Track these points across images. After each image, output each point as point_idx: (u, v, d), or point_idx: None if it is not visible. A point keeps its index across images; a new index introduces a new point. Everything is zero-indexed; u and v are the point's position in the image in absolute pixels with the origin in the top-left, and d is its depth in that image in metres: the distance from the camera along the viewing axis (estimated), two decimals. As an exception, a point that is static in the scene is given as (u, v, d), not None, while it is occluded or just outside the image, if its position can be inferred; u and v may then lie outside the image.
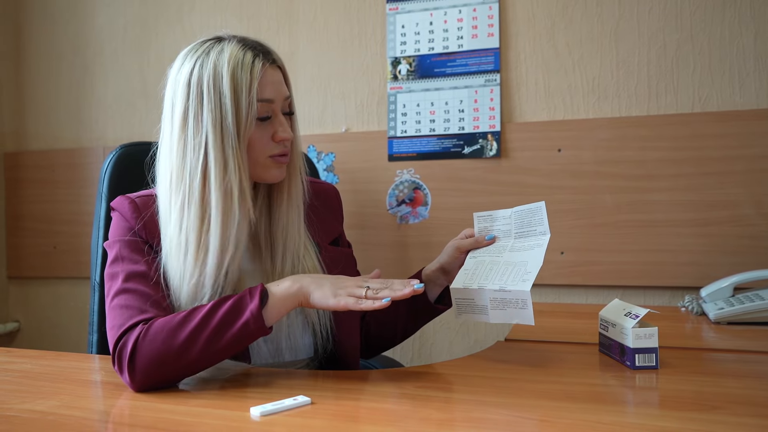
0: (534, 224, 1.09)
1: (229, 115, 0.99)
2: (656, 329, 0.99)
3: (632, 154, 1.72)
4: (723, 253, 1.65)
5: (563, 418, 0.77)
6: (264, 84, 1.02)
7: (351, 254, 1.28)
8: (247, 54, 1.02)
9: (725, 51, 1.67)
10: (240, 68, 1.01)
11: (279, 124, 1.05)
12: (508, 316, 1.00)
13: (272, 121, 1.05)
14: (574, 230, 1.76)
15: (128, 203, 1.06)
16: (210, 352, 0.91)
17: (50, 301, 2.33)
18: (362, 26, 1.95)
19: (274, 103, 1.04)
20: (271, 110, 1.04)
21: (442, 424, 0.76)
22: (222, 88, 1.00)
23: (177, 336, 0.90)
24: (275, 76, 1.05)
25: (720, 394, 0.86)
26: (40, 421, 0.78)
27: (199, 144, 0.99)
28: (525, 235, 1.09)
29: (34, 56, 2.34)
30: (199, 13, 2.13)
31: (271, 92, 1.04)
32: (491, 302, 1.01)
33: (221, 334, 0.91)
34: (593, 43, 1.76)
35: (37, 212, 2.31)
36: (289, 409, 0.81)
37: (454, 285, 1.07)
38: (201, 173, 0.99)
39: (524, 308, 0.98)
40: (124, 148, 1.45)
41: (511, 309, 0.99)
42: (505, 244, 1.10)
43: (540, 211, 1.09)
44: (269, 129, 1.04)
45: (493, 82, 1.82)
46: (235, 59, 1.01)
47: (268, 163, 1.05)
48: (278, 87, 1.05)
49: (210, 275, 0.98)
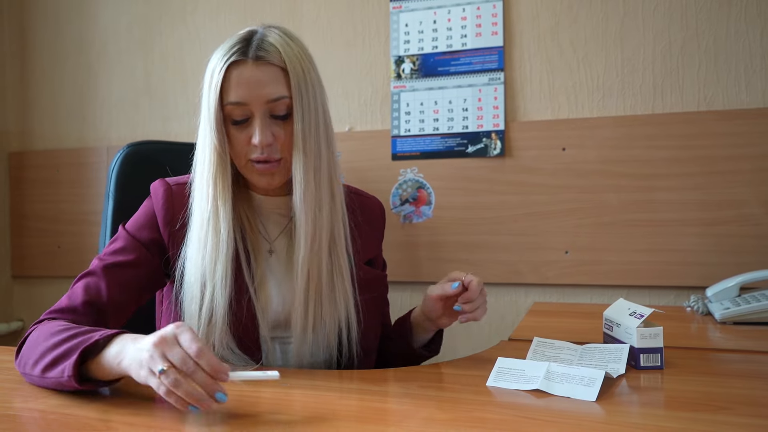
0: (606, 360, 0.97)
1: (205, 114, 0.99)
2: (661, 329, 0.98)
3: (637, 153, 1.71)
4: (729, 253, 1.64)
5: (568, 418, 0.76)
6: (233, 85, 0.96)
7: (384, 279, 1.19)
8: (232, 49, 0.97)
9: (731, 49, 1.66)
10: (217, 65, 0.97)
11: (255, 128, 0.97)
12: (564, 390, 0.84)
13: (249, 123, 0.98)
14: (578, 229, 1.75)
15: (163, 192, 1.05)
16: (44, 380, 0.86)
17: (54, 300, 2.31)
18: (366, 25, 1.95)
19: (250, 105, 0.97)
20: (249, 112, 0.98)
21: (446, 424, 0.75)
22: (204, 85, 0.99)
23: (36, 348, 0.89)
24: (255, 75, 0.96)
25: (726, 395, 0.85)
26: (42, 419, 0.78)
27: (198, 138, 1.01)
28: (590, 362, 0.97)
29: (38, 56, 2.35)
30: (202, 13, 2.13)
31: (241, 94, 0.96)
32: (547, 374, 0.87)
33: (50, 368, 0.85)
34: (598, 41, 1.75)
35: (42, 212, 2.32)
36: (257, 379, 0.82)
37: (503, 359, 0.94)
38: (199, 166, 1.01)
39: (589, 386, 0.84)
40: (131, 147, 1.45)
41: (571, 385, 0.85)
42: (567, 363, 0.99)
43: (620, 352, 0.97)
44: (247, 132, 0.98)
45: (497, 81, 1.81)
46: (219, 55, 0.98)
47: (248, 168, 1.01)
48: (255, 88, 0.96)
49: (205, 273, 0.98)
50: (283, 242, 1.07)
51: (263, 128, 0.97)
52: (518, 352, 1.11)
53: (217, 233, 0.98)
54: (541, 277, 1.78)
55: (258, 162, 0.99)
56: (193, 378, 0.73)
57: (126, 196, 1.40)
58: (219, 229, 0.98)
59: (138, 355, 0.77)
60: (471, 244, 1.84)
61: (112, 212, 1.38)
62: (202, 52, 2.14)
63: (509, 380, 0.89)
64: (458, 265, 1.84)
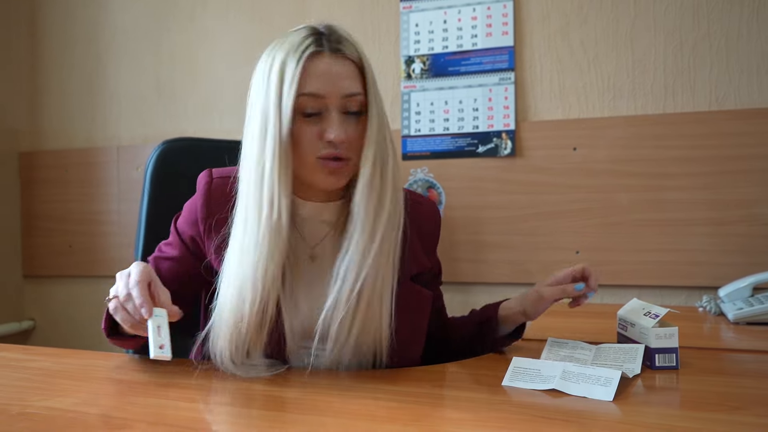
0: (621, 360, 0.96)
1: (271, 105, 0.91)
2: (677, 329, 0.98)
3: (648, 152, 1.71)
4: (740, 253, 1.64)
5: (583, 418, 0.76)
6: (311, 76, 0.91)
7: (429, 299, 1.07)
8: (306, 41, 0.92)
9: (743, 49, 1.65)
10: (290, 57, 0.92)
11: (328, 123, 0.92)
12: (581, 390, 0.84)
13: (322, 118, 0.93)
14: (589, 229, 1.75)
15: (204, 185, 1.03)
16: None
17: (65, 299, 2.34)
18: (376, 25, 1.95)
19: (326, 98, 0.92)
20: (323, 106, 0.92)
21: (463, 424, 0.75)
22: (271, 76, 0.92)
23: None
24: (333, 67, 0.92)
25: (742, 395, 0.85)
26: (61, 418, 0.78)
27: (251, 132, 0.95)
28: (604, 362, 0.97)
29: (48, 57, 2.36)
30: (212, 13, 2.14)
31: (318, 86, 0.91)
32: (564, 374, 0.87)
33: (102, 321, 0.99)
34: (608, 41, 1.75)
35: (52, 212, 2.33)
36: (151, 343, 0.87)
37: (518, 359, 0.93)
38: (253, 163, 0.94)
39: (606, 385, 0.83)
40: (166, 144, 1.46)
41: (587, 384, 0.84)
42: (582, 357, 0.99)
43: (635, 352, 0.97)
44: (318, 127, 0.93)
45: (507, 81, 1.81)
46: (290, 46, 0.93)
47: (315, 166, 0.94)
48: (335, 81, 0.92)
49: (249, 275, 0.93)
50: (322, 249, 1.02)
51: (340, 123, 0.92)
52: (531, 352, 1.11)
53: (279, 234, 0.92)
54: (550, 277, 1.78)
55: (329, 159, 0.93)
56: (126, 306, 0.88)
57: (161, 193, 1.41)
58: (281, 231, 0.92)
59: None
60: (481, 244, 1.84)
61: (146, 211, 1.39)
62: (212, 51, 2.14)
63: (525, 380, 0.88)
64: (468, 264, 1.84)
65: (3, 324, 2.30)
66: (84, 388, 0.92)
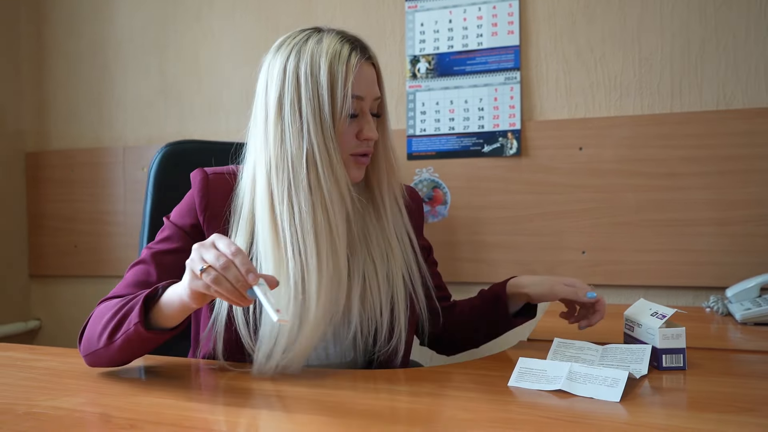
0: (628, 361, 0.96)
1: (326, 105, 0.98)
2: (684, 329, 0.97)
3: (655, 152, 1.70)
4: (747, 253, 1.63)
5: (590, 419, 0.75)
6: (358, 80, 1.00)
7: (434, 275, 1.21)
8: (345, 46, 1.00)
9: (751, 47, 1.64)
10: (338, 60, 0.99)
11: (366, 123, 1.02)
12: (587, 390, 0.84)
13: (359, 119, 1.02)
14: (595, 229, 1.74)
15: (200, 179, 1.06)
16: (113, 345, 0.91)
17: (71, 299, 2.35)
18: (381, 25, 1.95)
19: (364, 100, 1.02)
20: (360, 108, 1.02)
21: (469, 424, 0.75)
22: (319, 78, 0.98)
23: (101, 321, 0.93)
24: (369, 73, 1.03)
25: (750, 396, 0.85)
26: (67, 417, 0.79)
27: (299, 131, 0.98)
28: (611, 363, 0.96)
29: (55, 57, 2.37)
30: (217, 13, 2.14)
31: (363, 89, 1.01)
32: (570, 374, 0.87)
33: (118, 328, 0.91)
34: (615, 40, 1.74)
35: (58, 211, 2.34)
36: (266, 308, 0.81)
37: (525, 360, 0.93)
38: (306, 161, 0.97)
39: (613, 386, 0.83)
40: (169, 146, 1.47)
41: (594, 385, 0.84)
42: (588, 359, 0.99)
43: (642, 352, 0.96)
44: (355, 126, 1.02)
45: (513, 80, 1.81)
46: (333, 50, 0.99)
47: (348, 161, 1.03)
48: (371, 85, 1.03)
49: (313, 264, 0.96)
50: None
51: (374, 124, 1.04)
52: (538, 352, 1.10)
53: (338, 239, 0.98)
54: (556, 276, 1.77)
55: (362, 155, 1.03)
56: (226, 275, 0.80)
57: (164, 195, 1.43)
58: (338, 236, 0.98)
59: (186, 274, 0.84)
60: (487, 244, 1.83)
61: (150, 212, 1.40)
62: (218, 52, 2.14)
63: (531, 380, 0.88)
64: (473, 264, 1.84)
65: (9, 324, 2.31)
66: (89, 387, 0.92)
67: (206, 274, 0.80)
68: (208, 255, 0.81)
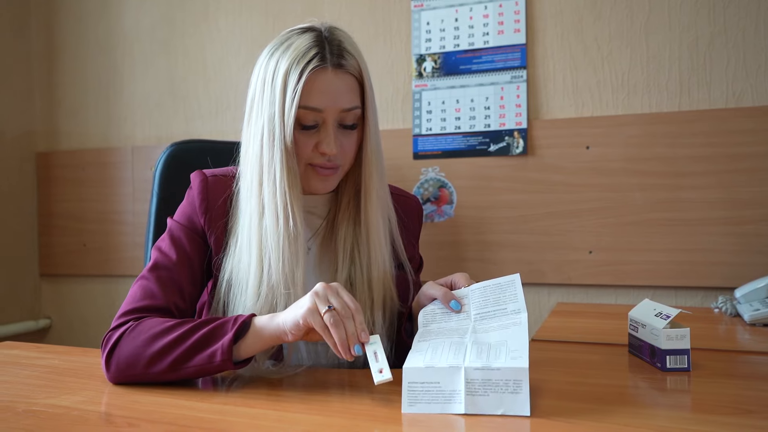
0: (503, 302, 0.90)
1: (276, 114, 0.95)
2: (688, 330, 0.96)
3: (662, 150, 1.68)
4: (756, 253, 1.61)
5: (591, 421, 0.75)
6: (315, 90, 0.95)
7: (410, 284, 1.11)
8: (310, 52, 0.95)
9: (760, 44, 1.62)
10: (294, 68, 0.95)
11: (325, 136, 0.97)
12: (492, 404, 0.75)
13: (319, 131, 0.97)
14: (602, 229, 1.73)
15: (199, 182, 1.05)
16: (175, 372, 0.89)
17: (81, 298, 2.36)
18: (387, 24, 1.94)
19: (324, 112, 0.96)
20: (320, 119, 0.97)
21: (467, 425, 0.74)
22: (275, 84, 0.96)
23: (152, 345, 0.89)
24: (334, 83, 0.96)
25: (755, 398, 0.83)
26: (65, 416, 0.79)
27: (254, 134, 0.98)
28: (490, 316, 0.90)
29: (64, 58, 2.38)
30: (225, 13, 2.15)
31: (320, 101, 0.95)
32: (468, 385, 0.76)
33: (189, 358, 0.88)
34: (622, 37, 1.73)
35: (68, 211, 2.35)
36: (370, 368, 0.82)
37: (408, 365, 0.79)
38: (258, 165, 0.97)
39: (517, 392, 0.75)
40: (174, 146, 1.48)
41: (497, 394, 0.76)
42: (463, 326, 0.90)
43: (513, 286, 0.90)
44: (315, 137, 0.97)
45: (519, 79, 1.79)
46: (294, 56, 0.95)
47: (307, 171, 0.99)
48: (334, 97, 0.96)
49: (273, 277, 0.96)
50: (316, 241, 1.07)
51: (334, 138, 0.97)
52: (541, 353, 1.10)
53: (296, 240, 0.97)
54: (564, 277, 1.76)
55: (321, 167, 0.99)
56: (346, 325, 0.83)
57: (169, 194, 1.44)
58: (297, 236, 0.97)
59: (296, 309, 0.86)
60: (493, 244, 1.82)
61: (156, 211, 1.41)
62: (225, 52, 2.15)
63: (426, 400, 0.78)
64: (479, 264, 1.83)
65: (20, 322, 2.34)
66: (90, 386, 0.92)
67: (329, 315, 0.83)
68: (335, 300, 0.84)
